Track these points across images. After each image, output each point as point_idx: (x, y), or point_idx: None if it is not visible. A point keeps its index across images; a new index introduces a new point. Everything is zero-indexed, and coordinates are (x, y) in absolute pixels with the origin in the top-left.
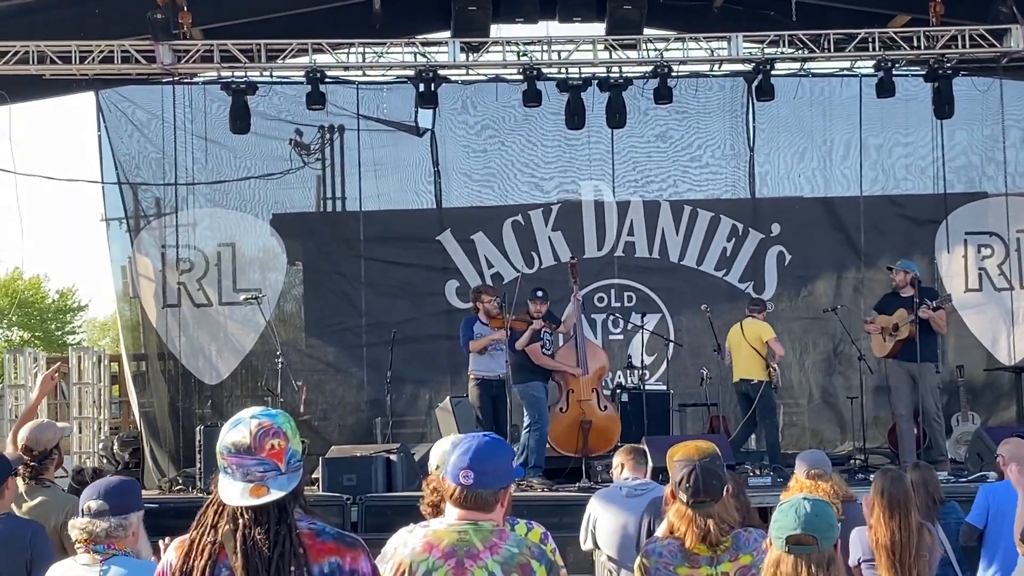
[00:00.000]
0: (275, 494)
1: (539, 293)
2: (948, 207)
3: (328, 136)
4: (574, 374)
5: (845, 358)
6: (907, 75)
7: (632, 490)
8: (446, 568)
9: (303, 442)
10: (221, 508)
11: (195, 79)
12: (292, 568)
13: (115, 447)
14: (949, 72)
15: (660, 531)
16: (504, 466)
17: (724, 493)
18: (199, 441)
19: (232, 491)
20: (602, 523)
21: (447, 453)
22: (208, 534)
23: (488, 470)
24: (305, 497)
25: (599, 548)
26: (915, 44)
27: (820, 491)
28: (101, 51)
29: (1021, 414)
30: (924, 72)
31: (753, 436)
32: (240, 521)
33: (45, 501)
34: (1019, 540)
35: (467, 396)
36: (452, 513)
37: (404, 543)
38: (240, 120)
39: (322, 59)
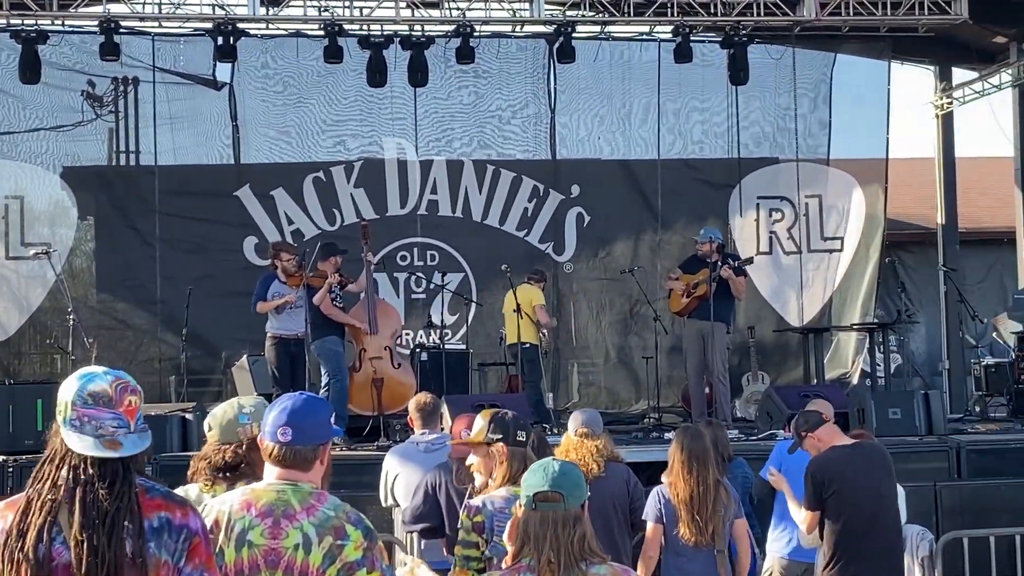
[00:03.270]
0: (128, 451)
1: (343, 249)
2: (741, 172)
3: (122, 88)
4: (364, 331)
5: (641, 319)
6: (704, 41)
7: (429, 445)
8: (262, 527)
9: None
10: (60, 463)
11: None
12: (128, 524)
13: None
14: (744, 39)
15: (479, 485)
16: (322, 423)
17: (520, 440)
18: None
19: (84, 444)
20: (401, 480)
21: (231, 419)
22: (48, 491)
23: (306, 427)
24: (142, 459)
25: (399, 505)
26: (712, 11)
27: (585, 448)
28: None
29: (808, 374)
30: (720, 39)
31: (551, 395)
32: (83, 477)
33: None
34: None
35: (264, 355)
36: (271, 472)
37: (222, 500)
38: (30, 70)
39: (116, 9)
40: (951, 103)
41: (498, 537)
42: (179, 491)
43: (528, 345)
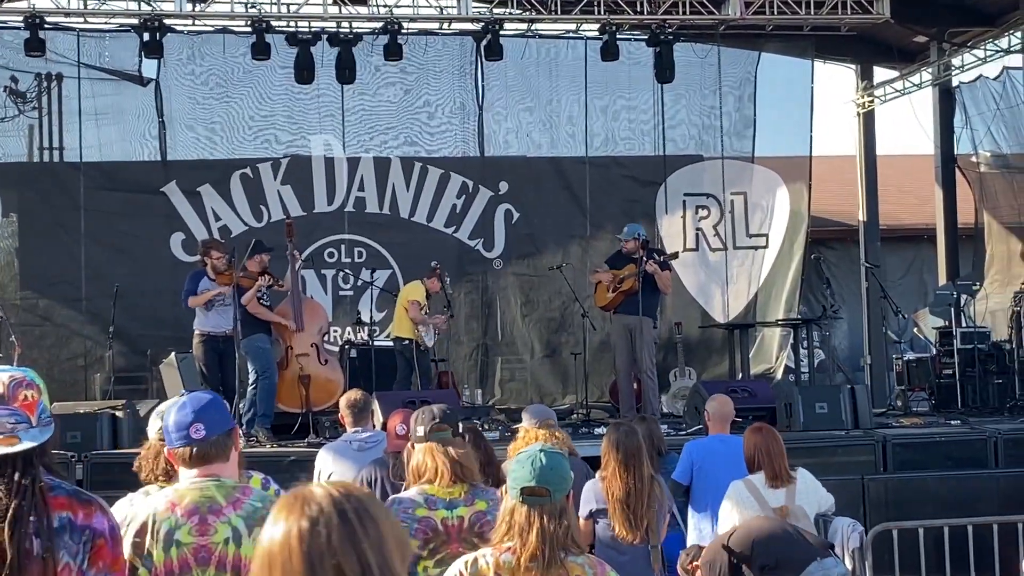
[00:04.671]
0: (27, 444)
1: (268, 247)
2: (667, 169)
3: (45, 84)
4: (289, 327)
5: (570, 315)
6: (630, 39)
7: (363, 443)
8: (189, 525)
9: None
10: None
11: None
12: (32, 519)
13: None
14: (670, 38)
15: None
16: (223, 409)
17: (461, 431)
18: None
19: None
20: (335, 478)
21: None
22: None
23: (213, 417)
24: (51, 455)
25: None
26: (638, 9)
27: (554, 440)
28: None
29: (733, 369)
30: (647, 37)
31: (479, 392)
32: None
33: None
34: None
35: (192, 352)
36: (189, 473)
37: (145, 505)
38: None
39: (41, 4)
40: (872, 101)
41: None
42: (139, 493)
43: (407, 341)
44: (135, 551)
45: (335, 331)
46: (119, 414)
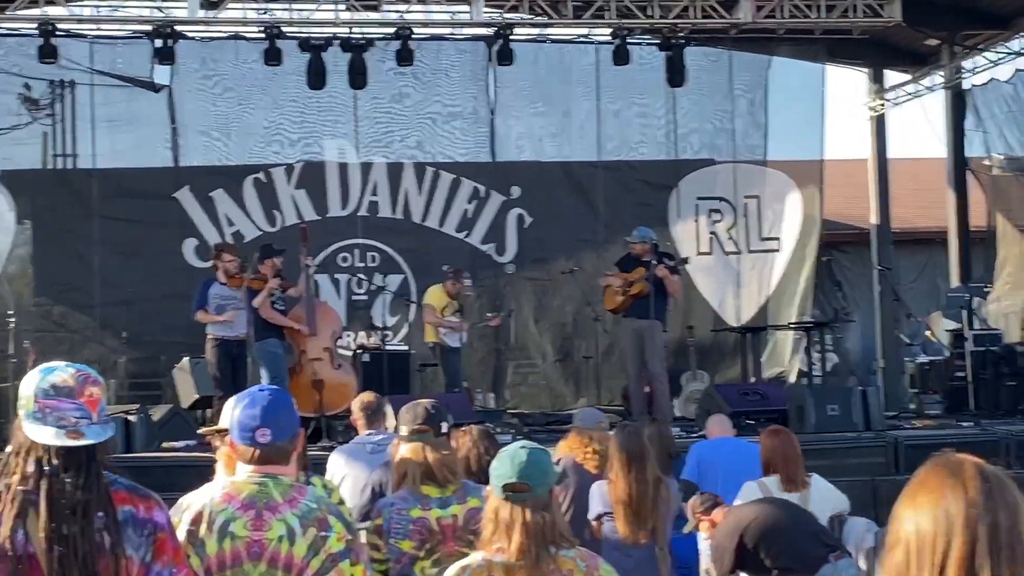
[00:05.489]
0: (92, 439)
1: (280, 249)
2: (680, 173)
3: (59, 91)
4: (303, 331)
5: (582, 319)
6: (642, 44)
7: (376, 446)
8: (245, 519)
9: None
10: (26, 456)
11: None
12: (101, 514)
13: None
14: (682, 42)
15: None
16: (292, 413)
17: (443, 431)
18: None
19: (45, 434)
20: (348, 481)
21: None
22: (19, 483)
23: (282, 422)
24: (109, 452)
25: (345, 505)
26: (649, 13)
27: (608, 442)
28: None
29: (745, 372)
30: (658, 41)
31: (492, 396)
32: (48, 468)
33: None
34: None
35: (205, 357)
36: (246, 468)
37: (203, 494)
38: None
39: (54, 11)
40: (884, 105)
41: (394, 539)
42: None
43: (432, 345)
44: (189, 539)
45: (348, 335)
46: (132, 419)
